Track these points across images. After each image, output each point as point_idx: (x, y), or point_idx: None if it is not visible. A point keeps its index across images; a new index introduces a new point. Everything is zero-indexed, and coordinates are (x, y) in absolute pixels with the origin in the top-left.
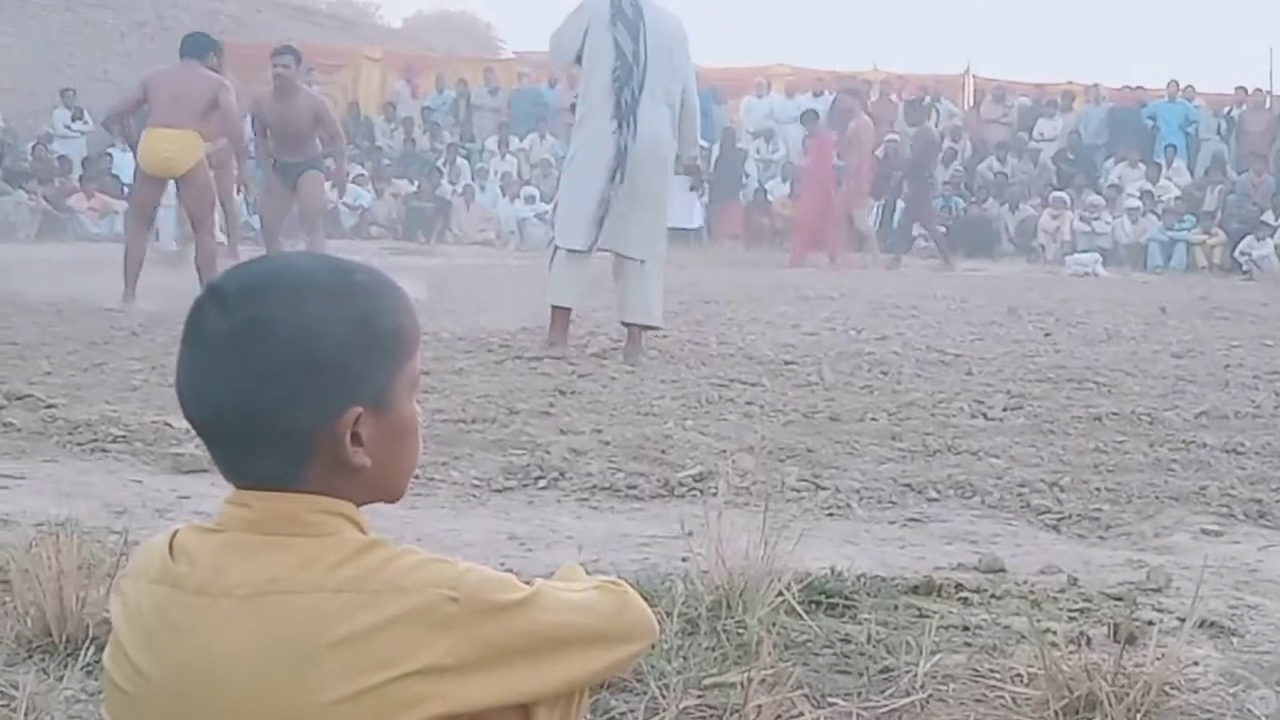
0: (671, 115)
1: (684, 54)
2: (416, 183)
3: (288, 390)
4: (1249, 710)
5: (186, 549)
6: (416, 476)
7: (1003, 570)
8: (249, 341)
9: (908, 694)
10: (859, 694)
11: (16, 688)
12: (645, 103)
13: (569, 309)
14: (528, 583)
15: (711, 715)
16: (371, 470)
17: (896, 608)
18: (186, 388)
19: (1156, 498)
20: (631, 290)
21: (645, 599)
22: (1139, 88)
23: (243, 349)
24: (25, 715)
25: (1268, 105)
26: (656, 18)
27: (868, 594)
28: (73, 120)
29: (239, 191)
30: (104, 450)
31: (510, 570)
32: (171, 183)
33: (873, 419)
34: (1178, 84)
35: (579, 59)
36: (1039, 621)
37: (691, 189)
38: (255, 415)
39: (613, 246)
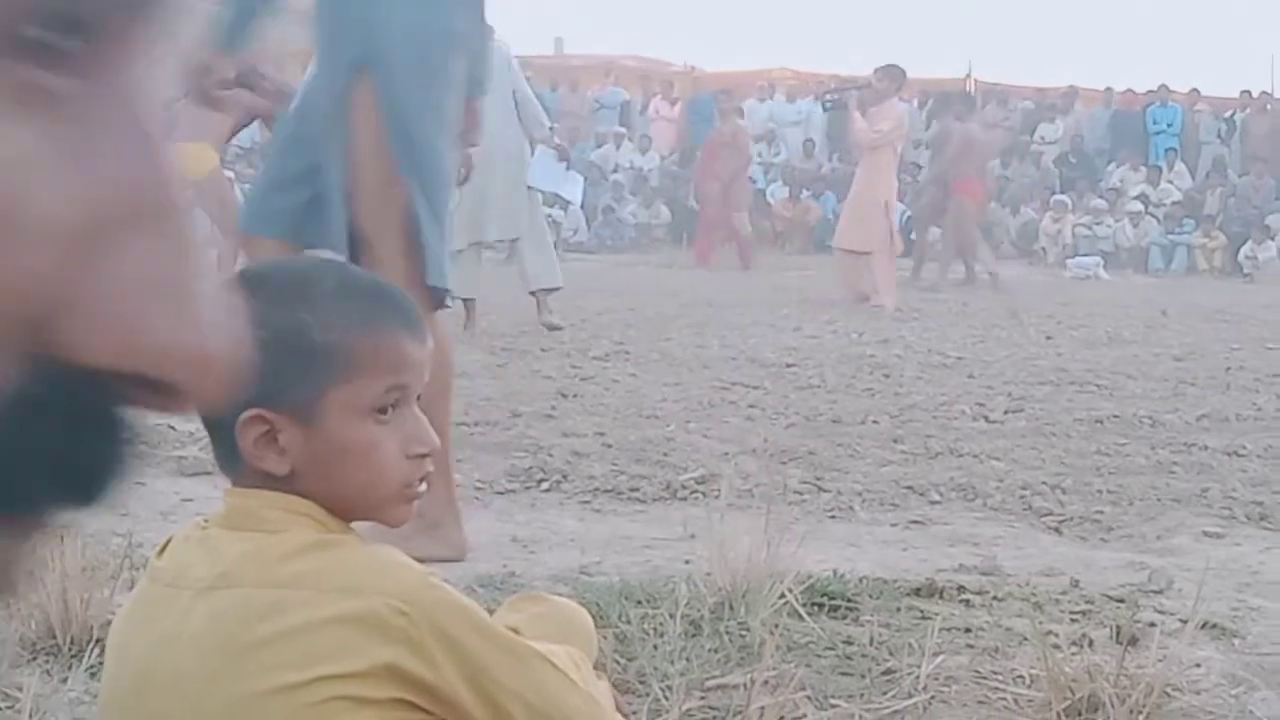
0: (507, 116)
1: (506, 67)
2: None
3: None
4: (1251, 712)
5: (173, 545)
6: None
7: (1003, 572)
8: None
9: (910, 696)
10: (861, 696)
11: (21, 689)
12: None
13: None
14: (514, 630)
15: (714, 717)
16: (307, 484)
17: (899, 610)
18: None
19: (1158, 500)
20: (528, 262)
21: (648, 601)
22: (1127, 91)
23: None
24: (29, 717)
25: (1267, 108)
26: None
27: (870, 596)
28: None
29: None
30: None
31: (513, 573)
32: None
33: (875, 422)
34: (1168, 87)
35: None
36: (1041, 623)
37: (560, 160)
38: None
39: (478, 238)
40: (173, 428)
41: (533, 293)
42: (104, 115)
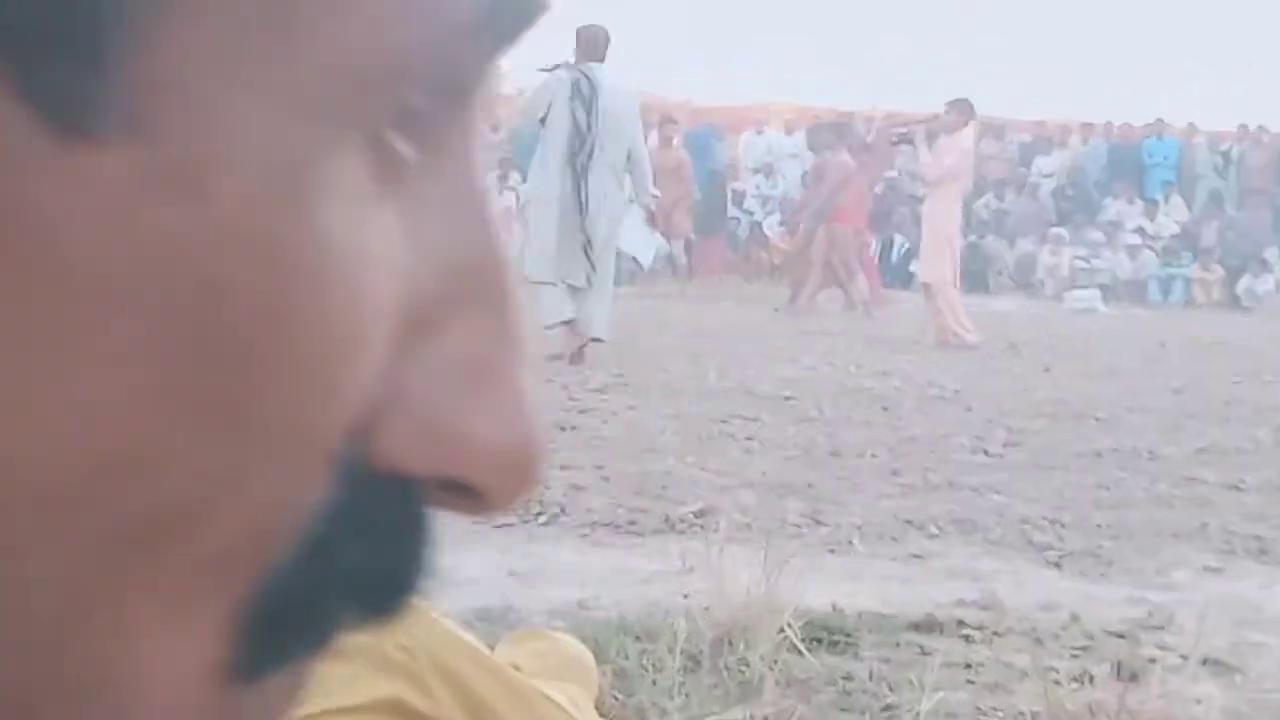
0: (616, 171)
1: (632, 123)
2: None
3: None
4: None
5: None
6: None
7: (1003, 607)
8: None
9: None
10: None
11: None
12: (594, 166)
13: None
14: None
15: None
16: None
17: (898, 644)
18: None
19: (1157, 534)
20: (586, 308)
21: (646, 636)
22: (1125, 124)
23: None
24: None
25: (1264, 142)
26: (608, 96)
27: (869, 631)
28: None
29: None
30: None
31: (511, 606)
32: None
33: (873, 455)
34: (1164, 121)
35: (543, 121)
36: (1041, 659)
37: (650, 225)
38: None
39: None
40: None
41: (586, 340)
42: (444, 189)
